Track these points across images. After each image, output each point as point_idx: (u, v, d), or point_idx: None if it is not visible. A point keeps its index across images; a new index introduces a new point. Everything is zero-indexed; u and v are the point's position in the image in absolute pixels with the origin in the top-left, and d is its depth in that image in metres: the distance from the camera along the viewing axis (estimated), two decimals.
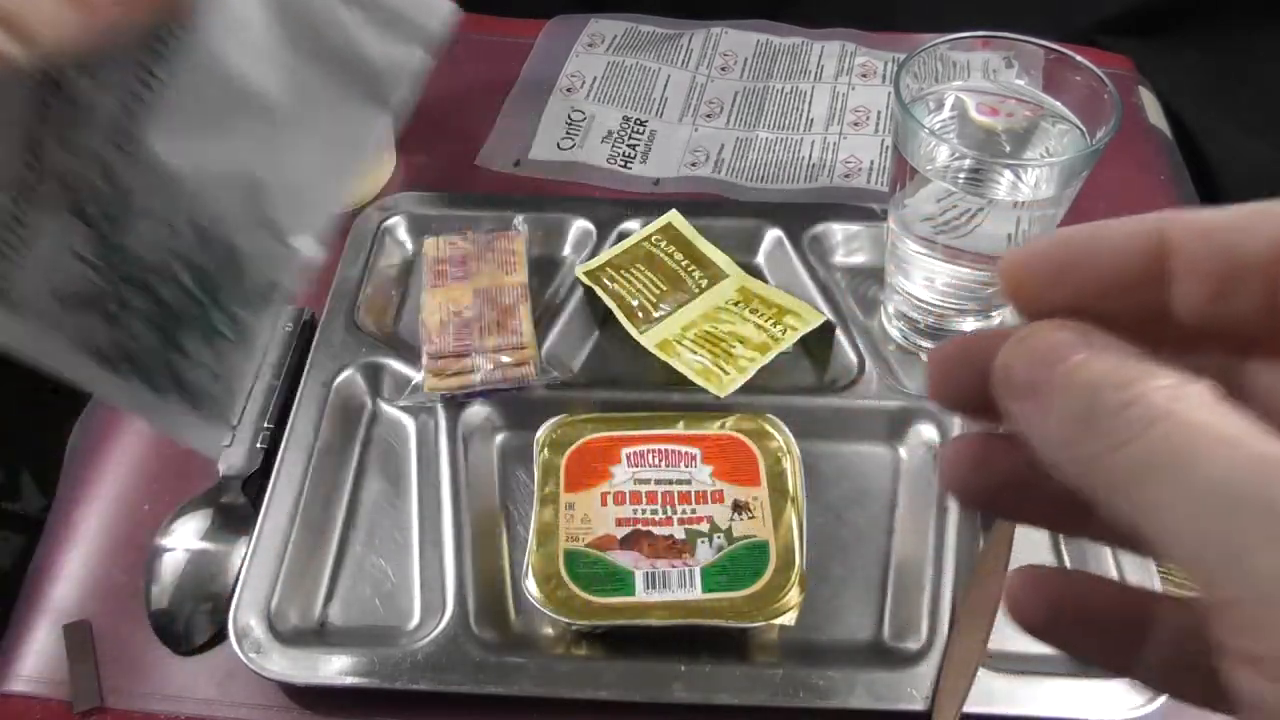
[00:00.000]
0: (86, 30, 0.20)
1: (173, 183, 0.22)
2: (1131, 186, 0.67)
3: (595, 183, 0.68)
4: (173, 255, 0.23)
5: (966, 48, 0.51)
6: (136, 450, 0.54)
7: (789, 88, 0.74)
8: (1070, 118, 0.49)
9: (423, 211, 0.63)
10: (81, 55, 0.21)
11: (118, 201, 0.22)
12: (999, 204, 0.48)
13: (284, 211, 0.22)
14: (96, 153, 0.22)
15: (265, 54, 0.21)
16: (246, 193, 0.22)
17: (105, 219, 0.22)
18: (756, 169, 0.69)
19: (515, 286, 0.57)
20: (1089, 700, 0.43)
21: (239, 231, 0.22)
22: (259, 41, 0.21)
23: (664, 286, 0.58)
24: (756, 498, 0.48)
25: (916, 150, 0.48)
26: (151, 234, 0.22)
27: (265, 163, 0.22)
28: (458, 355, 0.53)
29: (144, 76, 0.21)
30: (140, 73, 0.21)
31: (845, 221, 0.62)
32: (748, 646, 0.46)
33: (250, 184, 0.22)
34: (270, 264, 0.23)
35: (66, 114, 0.21)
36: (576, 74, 0.75)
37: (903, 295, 0.55)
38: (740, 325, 0.56)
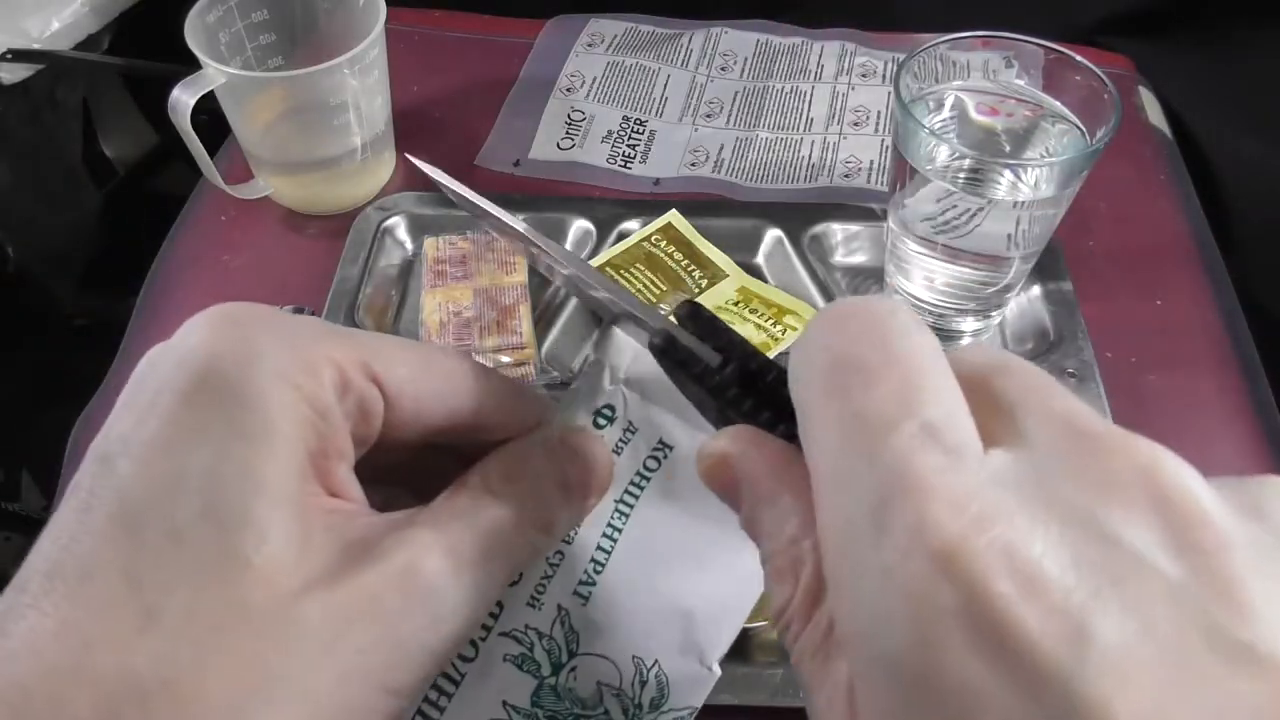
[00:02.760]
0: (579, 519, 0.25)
1: (621, 622, 0.25)
2: (1131, 186, 0.67)
3: (595, 183, 0.68)
4: (608, 690, 0.25)
5: (966, 48, 0.51)
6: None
7: (789, 88, 0.74)
8: (1070, 118, 0.49)
9: (423, 211, 0.63)
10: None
11: (565, 648, 0.25)
12: (999, 204, 0.48)
13: (709, 637, 0.25)
14: (558, 604, 0.25)
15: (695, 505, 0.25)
16: (684, 624, 0.25)
17: (550, 665, 0.25)
18: (756, 169, 0.69)
19: (515, 286, 0.57)
20: None
21: (672, 660, 0.25)
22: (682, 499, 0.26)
23: (664, 286, 0.58)
24: None
25: (916, 150, 0.48)
26: (591, 673, 0.25)
27: (701, 597, 0.25)
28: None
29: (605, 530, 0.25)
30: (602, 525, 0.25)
31: (845, 221, 0.62)
32: (748, 646, 0.46)
33: (687, 615, 0.25)
34: (692, 689, 0.25)
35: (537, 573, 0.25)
36: (576, 74, 0.75)
37: (903, 295, 0.55)
38: (740, 325, 0.56)
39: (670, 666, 0.25)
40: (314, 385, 0.22)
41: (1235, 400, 0.56)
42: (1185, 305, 0.61)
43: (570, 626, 0.25)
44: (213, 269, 0.63)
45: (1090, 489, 0.16)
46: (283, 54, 0.64)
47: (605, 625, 0.25)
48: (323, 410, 0.22)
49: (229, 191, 0.63)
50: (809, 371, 0.19)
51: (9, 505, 0.89)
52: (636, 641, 0.25)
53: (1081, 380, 0.54)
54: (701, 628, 0.25)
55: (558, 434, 0.25)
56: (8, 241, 0.86)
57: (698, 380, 0.23)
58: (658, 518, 0.26)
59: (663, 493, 0.26)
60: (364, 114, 0.62)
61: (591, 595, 0.25)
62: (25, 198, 0.87)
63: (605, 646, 0.25)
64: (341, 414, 0.22)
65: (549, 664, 0.25)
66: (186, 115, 0.56)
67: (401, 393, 0.23)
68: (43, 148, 0.87)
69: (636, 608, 0.25)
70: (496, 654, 0.25)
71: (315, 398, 0.22)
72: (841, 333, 0.19)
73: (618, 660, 0.25)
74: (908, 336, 0.18)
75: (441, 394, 0.24)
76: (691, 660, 0.25)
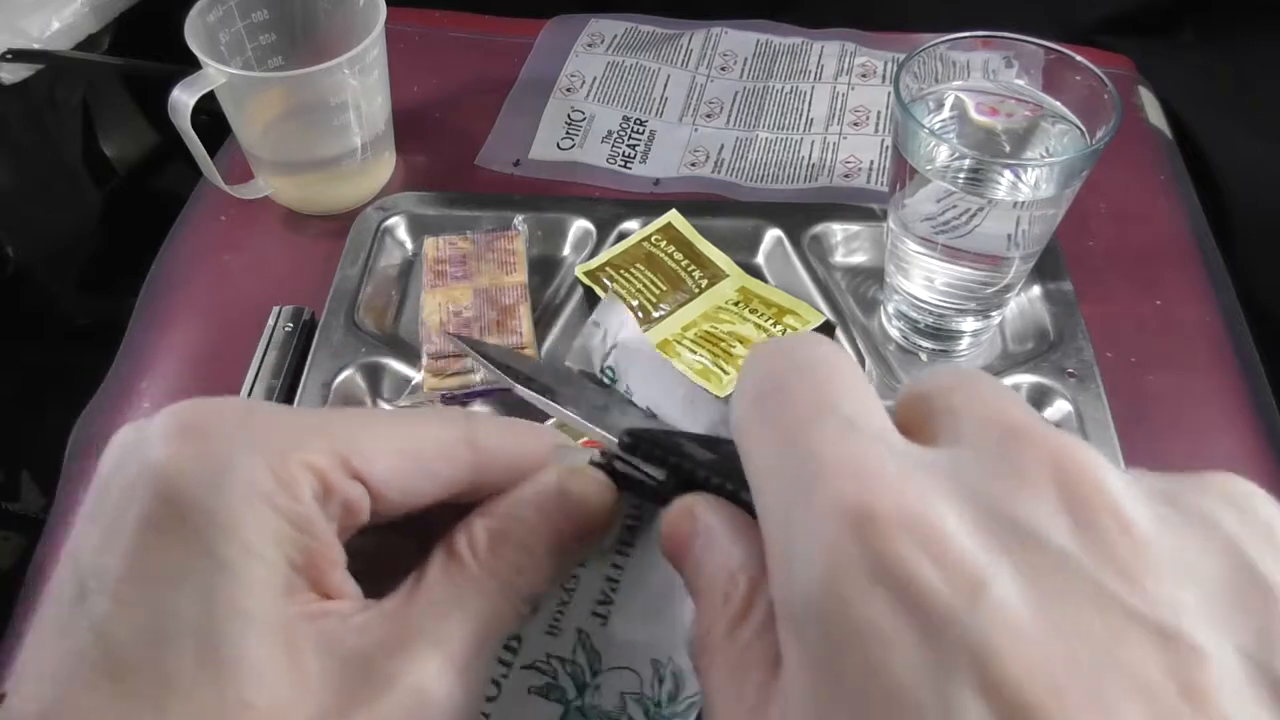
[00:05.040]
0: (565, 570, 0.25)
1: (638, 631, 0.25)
2: (1131, 186, 0.67)
3: (595, 183, 0.68)
4: (630, 698, 0.25)
5: (966, 48, 0.51)
6: None
7: (789, 88, 0.74)
8: (1070, 118, 0.49)
9: (422, 211, 0.63)
10: None
11: (589, 669, 0.25)
12: (999, 204, 0.48)
13: None
14: (577, 628, 0.25)
15: None
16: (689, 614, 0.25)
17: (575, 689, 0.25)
18: (756, 169, 0.69)
19: (515, 286, 0.57)
20: None
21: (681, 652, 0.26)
22: None
23: (664, 286, 0.58)
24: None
25: (916, 150, 0.48)
26: (614, 686, 0.25)
27: None
28: (458, 355, 0.53)
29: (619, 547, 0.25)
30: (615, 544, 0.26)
31: (845, 221, 0.62)
32: None
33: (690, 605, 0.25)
34: None
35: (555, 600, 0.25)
36: (576, 74, 0.75)
37: (902, 295, 0.55)
38: (740, 325, 0.56)
39: (682, 657, 0.26)
40: (291, 501, 0.21)
41: (1235, 400, 0.56)
42: (1185, 305, 0.61)
43: (592, 647, 0.25)
44: (213, 269, 0.63)
45: (1002, 476, 0.18)
46: (283, 54, 0.64)
47: (625, 638, 0.25)
48: (304, 524, 0.21)
49: (229, 191, 0.63)
50: (738, 400, 0.21)
51: (9, 505, 0.89)
52: (652, 644, 0.25)
53: (1081, 380, 0.54)
54: None
55: (556, 482, 0.25)
56: (8, 241, 0.86)
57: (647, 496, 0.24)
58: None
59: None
60: (364, 114, 0.62)
61: (610, 614, 0.25)
62: (25, 198, 0.87)
63: (626, 658, 0.25)
64: (325, 520, 0.22)
65: (574, 688, 0.25)
66: (186, 115, 0.56)
67: (388, 482, 0.23)
68: (43, 148, 0.87)
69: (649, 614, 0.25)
70: (521, 689, 0.25)
71: (294, 514, 0.21)
72: (760, 361, 0.21)
73: (638, 667, 0.25)
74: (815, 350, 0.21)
75: (433, 472, 0.24)
76: None
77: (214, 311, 0.61)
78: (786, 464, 0.19)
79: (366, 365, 0.55)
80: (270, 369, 0.55)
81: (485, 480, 0.24)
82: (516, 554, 0.23)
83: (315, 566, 0.21)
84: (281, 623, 0.20)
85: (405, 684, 0.21)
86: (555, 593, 0.25)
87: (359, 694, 0.20)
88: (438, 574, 0.23)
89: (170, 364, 0.58)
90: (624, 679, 0.25)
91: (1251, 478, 0.18)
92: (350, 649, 0.21)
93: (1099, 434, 0.51)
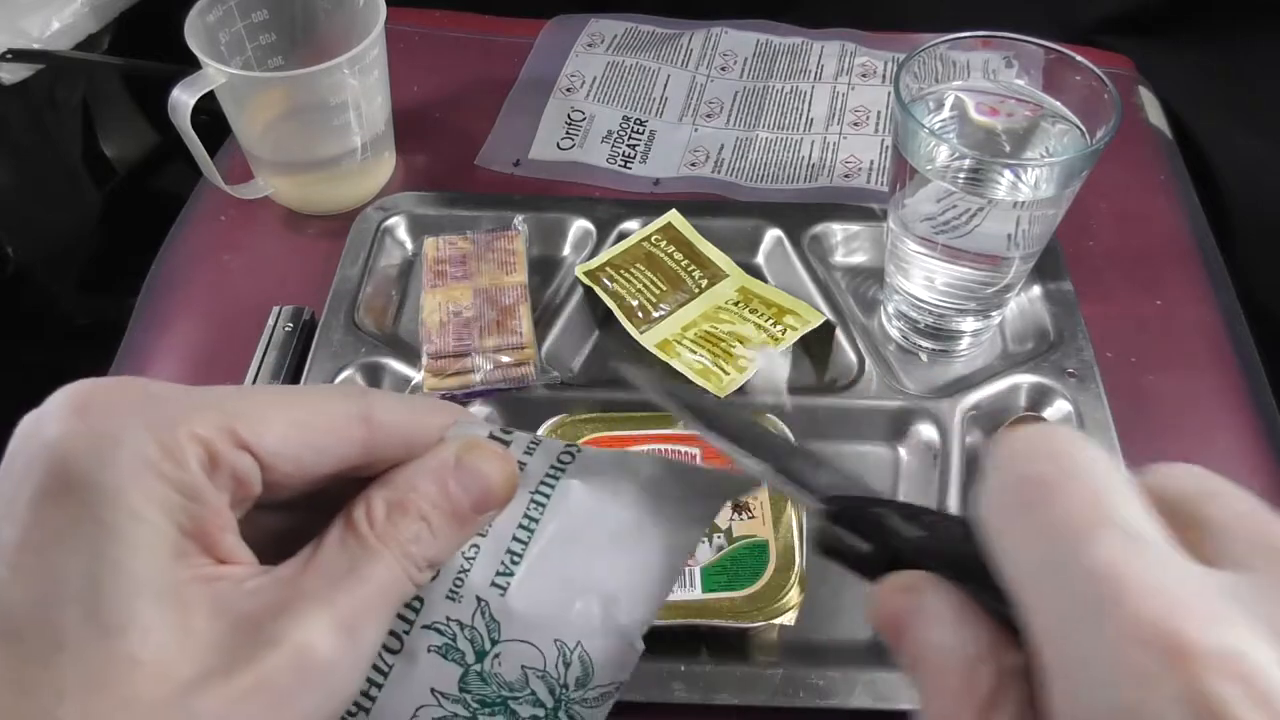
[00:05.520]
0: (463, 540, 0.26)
1: (541, 609, 0.26)
2: (1131, 186, 0.67)
3: (595, 183, 0.68)
4: (532, 672, 0.26)
5: (966, 48, 0.51)
6: None
7: (789, 88, 0.74)
8: (1070, 118, 0.49)
9: (423, 211, 0.63)
10: None
11: (488, 636, 0.26)
12: (999, 204, 0.48)
13: (631, 616, 0.26)
14: (477, 595, 0.26)
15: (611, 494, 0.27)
16: (604, 605, 0.26)
17: (474, 653, 0.26)
18: (756, 169, 0.69)
19: (515, 286, 0.57)
20: None
21: (594, 640, 0.26)
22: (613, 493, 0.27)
23: (664, 286, 0.58)
24: (756, 497, 0.48)
25: (916, 150, 0.48)
26: (514, 658, 0.26)
27: (620, 579, 0.27)
28: (458, 355, 0.53)
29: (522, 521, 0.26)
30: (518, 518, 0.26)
31: (845, 221, 0.62)
32: (748, 646, 0.46)
33: (607, 597, 0.26)
34: (617, 666, 0.27)
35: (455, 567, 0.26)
36: (576, 74, 0.75)
37: (903, 295, 0.55)
38: (740, 325, 0.56)
39: (592, 646, 0.26)
40: (178, 469, 0.22)
41: (1235, 400, 0.56)
42: (1185, 305, 0.61)
43: (490, 616, 0.26)
44: (213, 269, 0.63)
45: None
46: (283, 54, 0.64)
47: (525, 613, 0.26)
48: (191, 492, 0.22)
49: (229, 191, 0.63)
50: (996, 494, 0.20)
51: None
52: (557, 626, 0.26)
53: (1081, 380, 0.54)
54: (624, 607, 0.26)
55: (454, 455, 0.25)
56: (8, 241, 0.86)
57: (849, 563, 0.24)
58: (574, 509, 0.27)
59: (578, 485, 0.27)
60: (364, 114, 0.62)
61: (509, 585, 0.26)
62: (25, 198, 0.87)
63: (527, 632, 0.26)
64: (215, 488, 0.22)
65: (473, 652, 0.26)
66: (186, 115, 0.56)
67: (278, 454, 0.23)
68: (43, 148, 0.87)
69: (555, 594, 0.26)
70: (421, 645, 0.26)
71: (181, 482, 0.22)
72: (1017, 461, 0.20)
73: (540, 645, 0.26)
74: (1084, 453, 0.20)
75: (323, 445, 0.24)
76: (614, 639, 0.26)
77: (214, 311, 0.61)
78: (1066, 577, 0.18)
79: (366, 365, 0.55)
80: (270, 369, 0.55)
81: (382, 454, 0.25)
82: (412, 523, 0.24)
83: (205, 532, 0.22)
84: (170, 584, 0.21)
85: (290, 642, 0.22)
86: (457, 559, 0.26)
87: (245, 651, 0.21)
88: (334, 542, 0.24)
89: (170, 364, 0.58)
90: (524, 653, 0.26)
91: (1252, 477, 0.19)
92: (240, 611, 0.22)
93: (1099, 434, 0.51)
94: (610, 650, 0.26)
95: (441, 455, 0.25)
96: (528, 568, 0.26)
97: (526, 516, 0.26)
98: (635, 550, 0.27)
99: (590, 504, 0.27)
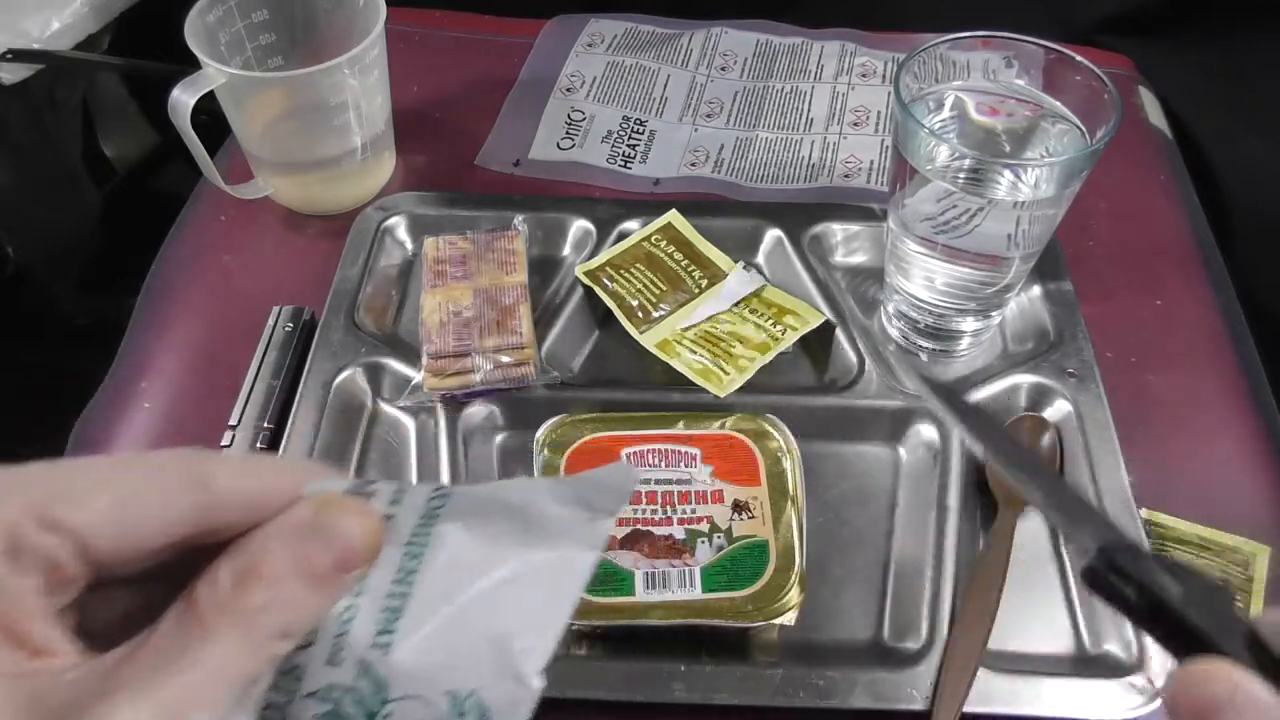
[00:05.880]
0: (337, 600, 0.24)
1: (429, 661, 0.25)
2: (1131, 186, 0.67)
3: (595, 183, 0.68)
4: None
5: (966, 48, 0.51)
6: (136, 450, 0.54)
7: (789, 88, 0.74)
8: (1070, 118, 0.49)
9: (423, 211, 0.63)
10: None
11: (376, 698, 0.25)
12: (999, 204, 0.48)
13: (526, 653, 0.25)
14: (359, 658, 0.25)
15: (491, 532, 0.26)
16: (496, 647, 0.25)
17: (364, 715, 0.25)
18: (756, 169, 0.69)
19: (515, 286, 0.57)
20: (1089, 700, 0.43)
21: (489, 685, 0.25)
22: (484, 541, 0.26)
23: (664, 286, 0.58)
24: (756, 498, 0.48)
25: (916, 150, 0.48)
26: (407, 715, 0.25)
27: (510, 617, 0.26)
28: (458, 355, 0.53)
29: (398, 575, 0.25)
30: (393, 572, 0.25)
31: (845, 221, 0.62)
32: (748, 646, 0.46)
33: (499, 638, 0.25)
34: (514, 709, 0.26)
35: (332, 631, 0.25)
36: (576, 74, 0.75)
37: (903, 295, 0.55)
38: (740, 325, 0.56)
39: (488, 691, 0.25)
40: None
41: (1235, 400, 0.56)
42: (1185, 305, 0.61)
43: (376, 676, 0.25)
44: (213, 269, 0.63)
45: None
46: (283, 54, 0.64)
47: (413, 668, 0.25)
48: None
49: (229, 191, 0.63)
50: None
51: None
52: (448, 676, 0.25)
53: (1081, 380, 0.54)
54: (518, 645, 0.25)
55: (308, 514, 0.24)
56: (8, 241, 0.86)
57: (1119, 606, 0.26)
58: (453, 553, 0.26)
59: (455, 528, 0.26)
60: (364, 114, 0.62)
61: (392, 643, 0.25)
62: (25, 198, 0.88)
63: (416, 688, 0.25)
64: (17, 575, 0.21)
65: (363, 715, 0.25)
66: (186, 115, 0.56)
67: (99, 531, 0.22)
68: (43, 148, 0.87)
69: (442, 644, 0.25)
70: (304, 716, 0.25)
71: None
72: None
73: (433, 698, 0.25)
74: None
75: (153, 517, 0.23)
76: (508, 682, 0.25)
77: (214, 311, 0.61)
78: None
79: (366, 365, 0.55)
80: (270, 369, 0.55)
81: (226, 520, 0.24)
82: (262, 592, 0.23)
83: (11, 625, 0.21)
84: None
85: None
86: (333, 622, 0.25)
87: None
88: (170, 621, 0.22)
89: (170, 364, 0.58)
90: (417, 710, 0.25)
91: (1251, 477, 0.19)
92: (53, 706, 0.20)
93: (1099, 434, 0.51)
94: (507, 692, 0.25)
95: (294, 516, 0.24)
96: (410, 621, 0.25)
97: (402, 569, 0.25)
98: (523, 584, 0.26)
99: (469, 545, 0.26)
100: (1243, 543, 0.50)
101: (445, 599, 0.25)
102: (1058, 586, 0.49)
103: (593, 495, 0.26)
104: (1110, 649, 0.46)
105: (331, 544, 0.24)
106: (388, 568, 0.25)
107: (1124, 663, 0.45)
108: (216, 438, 0.53)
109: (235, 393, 0.54)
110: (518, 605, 0.26)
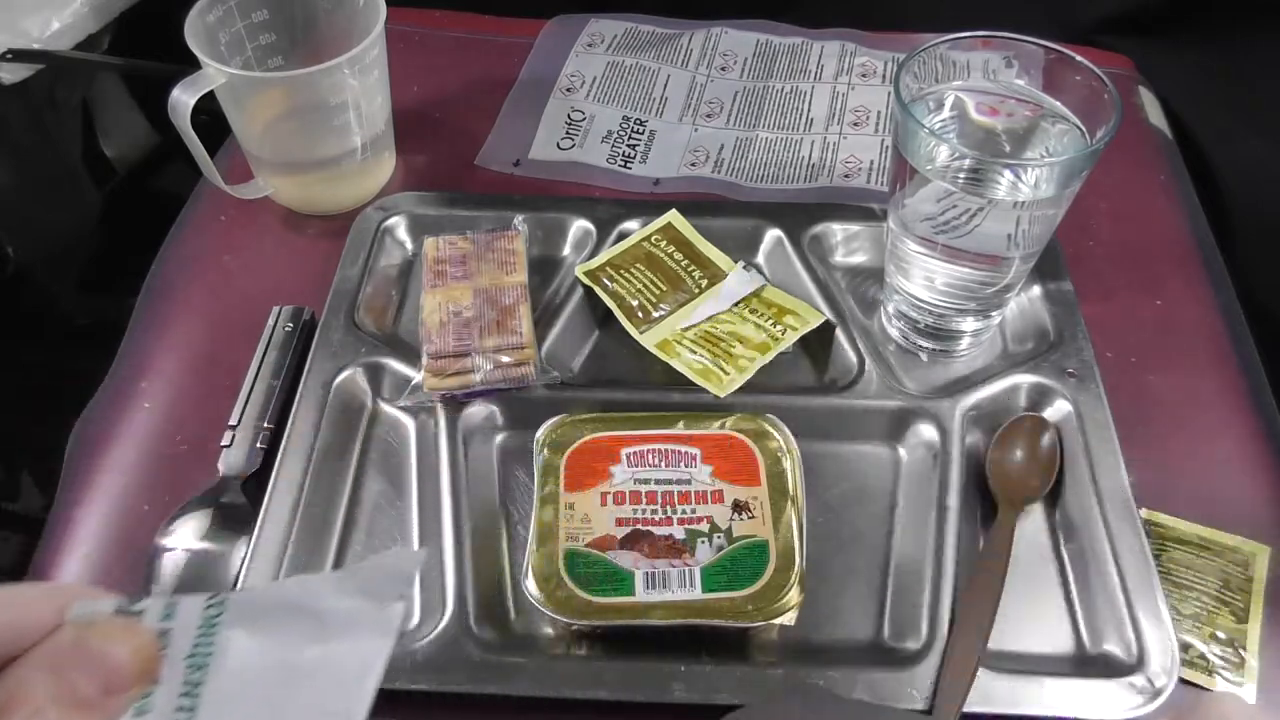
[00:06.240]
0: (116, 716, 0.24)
1: None
2: (1131, 186, 0.67)
3: (595, 183, 0.68)
4: None
5: (966, 48, 0.51)
6: (137, 450, 0.54)
7: (789, 88, 0.74)
8: (1070, 118, 0.49)
9: (423, 211, 0.63)
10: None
11: None
12: (999, 204, 0.48)
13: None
14: None
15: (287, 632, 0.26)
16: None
17: None
18: (756, 169, 0.69)
19: (515, 286, 0.57)
20: (1089, 700, 0.43)
21: None
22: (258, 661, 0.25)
23: (664, 286, 0.58)
24: (756, 498, 0.48)
25: (916, 150, 0.48)
26: None
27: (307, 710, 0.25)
28: (458, 355, 0.53)
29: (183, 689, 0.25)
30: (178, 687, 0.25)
31: (845, 221, 0.62)
32: (748, 646, 0.46)
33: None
34: None
35: None
36: (576, 74, 0.75)
37: (903, 295, 0.55)
38: (740, 325, 0.56)
39: None
40: None
41: (1235, 400, 0.56)
42: (1185, 305, 0.61)
43: None
44: (213, 269, 0.63)
45: None
46: (283, 54, 0.64)
47: None
48: None
49: (229, 191, 0.63)
50: None
51: (9, 505, 0.89)
52: None
53: (1081, 380, 0.54)
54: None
55: (69, 638, 0.23)
56: (8, 241, 0.86)
57: None
58: (239, 660, 0.25)
59: (238, 635, 0.25)
60: (364, 114, 0.62)
61: None
62: (25, 198, 0.88)
63: None
64: None
65: None
66: (186, 115, 0.56)
67: None
68: (43, 148, 0.87)
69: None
70: None
71: None
72: None
73: None
74: None
75: None
76: None
77: (214, 311, 0.61)
78: None
79: (366, 365, 0.55)
80: (270, 369, 0.55)
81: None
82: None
83: None
84: None
85: None
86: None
87: None
88: None
89: (170, 364, 0.58)
90: None
91: (1251, 477, 0.18)
92: None
93: (1099, 434, 0.51)
94: None
95: (55, 641, 0.23)
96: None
97: (186, 683, 0.25)
98: (319, 680, 0.25)
99: (256, 649, 0.25)
100: (1243, 543, 0.50)
101: (234, 708, 0.25)
102: (1058, 586, 0.49)
103: (378, 584, 0.26)
104: (1110, 649, 0.46)
105: (97, 668, 0.23)
106: (172, 683, 0.25)
107: (1124, 663, 0.45)
108: (216, 438, 0.53)
109: (235, 393, 0.55)
110: (314, 702, 0.25)
